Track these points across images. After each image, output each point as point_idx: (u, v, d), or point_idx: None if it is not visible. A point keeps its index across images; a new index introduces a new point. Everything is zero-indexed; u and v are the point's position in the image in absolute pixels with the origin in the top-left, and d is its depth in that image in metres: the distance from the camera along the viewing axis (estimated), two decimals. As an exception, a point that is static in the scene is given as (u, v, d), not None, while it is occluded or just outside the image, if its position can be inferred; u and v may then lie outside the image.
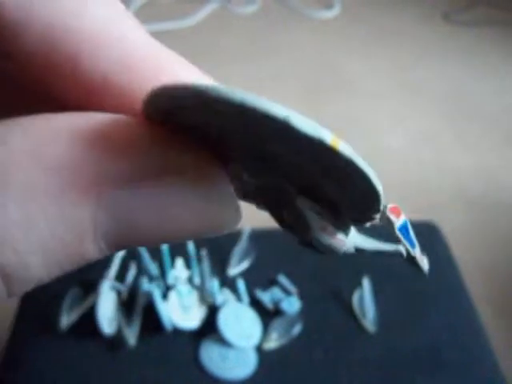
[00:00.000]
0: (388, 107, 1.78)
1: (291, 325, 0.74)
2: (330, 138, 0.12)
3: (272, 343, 0.73)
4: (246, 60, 1.94)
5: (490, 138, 1.68)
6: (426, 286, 0.81)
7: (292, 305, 0.76)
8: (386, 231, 0.17)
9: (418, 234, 0.77)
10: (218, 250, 0.82)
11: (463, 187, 1.51)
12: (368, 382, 0.71)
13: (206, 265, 0.78)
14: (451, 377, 0.72)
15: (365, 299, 0.76)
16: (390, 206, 0.16)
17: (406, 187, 1.49)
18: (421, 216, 1.02)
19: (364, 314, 0.76)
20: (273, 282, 0.79)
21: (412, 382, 0.71)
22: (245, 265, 0.81)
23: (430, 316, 0.78)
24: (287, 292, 0.78)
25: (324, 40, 2.10)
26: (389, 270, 0.82)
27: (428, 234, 0.88)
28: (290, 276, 0.80)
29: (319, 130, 0.12)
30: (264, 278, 0.80)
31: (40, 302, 0.77)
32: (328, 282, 0.80)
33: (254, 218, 1.41)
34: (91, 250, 0.12)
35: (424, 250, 0.79)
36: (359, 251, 0.18)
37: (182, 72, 0.14)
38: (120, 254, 0.79)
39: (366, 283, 0.77)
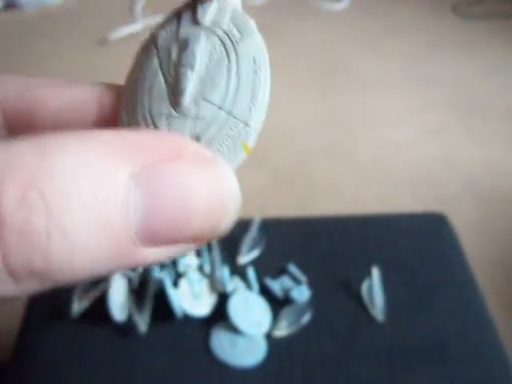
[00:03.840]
0: (397, 100, 1.78)
1: (301, 313, 0.75)
2: None
3: (281, 331, 0.74)
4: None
5: (499, 132, 1.67)
6: (434, 277, 0.81)
7: (302, 293, 0.76)
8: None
9: (427, 226, 0.78)
10: (229, 239, 0.82)
11: (473, 181, 1.51)
12: (376, 370, 0.71)
13: (217, 253, 0.78)
14: (458, 368, 0.72)
15: (374, 289, 0.77)
16: None
17: (416, 180, 1.49)
18: (430, 209, 1.02)
19: (373, 304, 0.76)
20: (283, 271, 0.80)
21: (419, 371, 0.71)
22: (255, 253, 0.81)
23: (438, 307, 0.78)
24: (297, 281, 0.78)
25: (333, 32, 2.10)
26: (398, 260, 0.82)
27: (437, 225, 0.89)
28: (299, 265, 0.80)
29: None
30: (274, 267, 0.80)
31: (51, 289, 0.78)
32: (337, 271, 0.81)
33: (264, 207, 1.42)
34: (126, 240, 0.13)
35: (433, 241, 0.79)
36: None
37: None
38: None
39: (376, 273, 0.78)
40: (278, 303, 0.76)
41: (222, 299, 0.75)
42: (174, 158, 0.14)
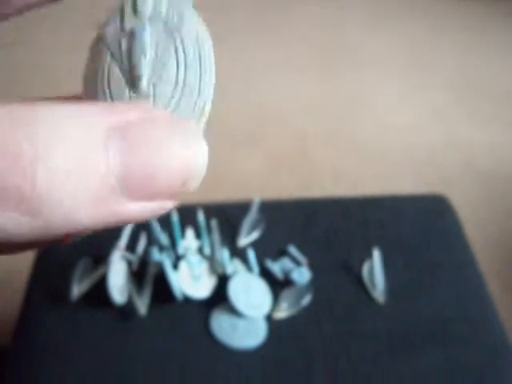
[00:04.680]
0: (399, 83, 1.76)
1: (301, 295, 0.74)
2: None
3: (282, 313, 0.73)
4: (259, 31, 1.93)
5: (500, 114, 1.66)
6: (435, 258, 0.81)
7: (302, 275, 0.76)
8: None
9: (428, 207, 0.77)
10: (228, 221, 0.82)
11: (473, 162, 1.50)
12: (376, 352, 0.71)
13: (216, 235, 0.78)
14: (459, 348, 0.72)
15: (375, 270, 0.76)
16: None
17: (417, 162, 1.49)
18: (431, 190, 1.02)
19: (374, 285, 0.76)
20: (283, 253, 0.80)
21: (420, 352, 0.71)
22: (255, 235, 0.81)
23: (438, 288, 0.78)
24: (297, 262, 0.78)
25: (335, 15, 2.08)
26: (399, 242, 0.82)
27: (438, 206, 0.88)
28: (300, 246, 0.80)
29: None
30: (274, 249, 0.80)
31: (51, 273, 0.78)
32: (338, 252, 0.80)
33: (263, 190, 1.41)
34: (106, 182, 0.14)
35: (434, 222, 0.79)
36: None
37: None
38: (130, 225, 0.79)
39: (376, 254, 0.77)
40: (278, 285, 0.76)
41: (222, 281, 0.74)
42: (151, 118, 0.15)
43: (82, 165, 0.13)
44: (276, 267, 0.77)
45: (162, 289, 0.73)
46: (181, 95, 0.17)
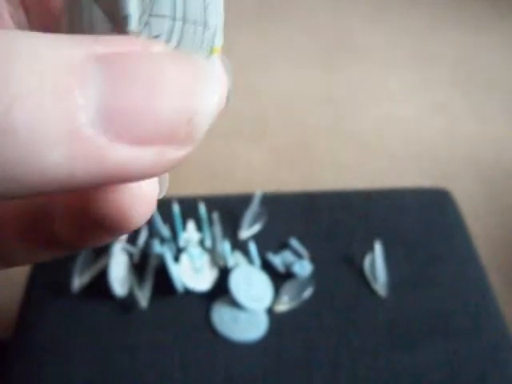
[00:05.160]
0: (400, 76, 1.76)
1: (302, 288, 0.74)
2: None
3: (283, 306, 0.73)
4: (261, 23, 1.92)
5: (502, 107, 1.66)
6: (437, 252, 0.81)
7: (303, 268, 0.75)
8: None
9: (430, 201, 0.77)
10: (230, 213, 0.82)
11: (476, 156, 1.49)
12: (378, 344, 0.71)
13: (218, 228, 0.77)
14: (460, 341, 0.72)
15: (376, 263, 0.76)
16: None
17: (419, 156, 1.48)
18: (433, 184, 1.02)
19: (375, 278, 0.76)
20: (284, 246, 0.79)
21: (421, 345, 0.71)
22: (256, 228, 0.81)
23: (440, 281, 0.78)
24: (299, 255, 0.78)
25: (336, 7, 2.07)
26: (401, 235, 0.82)
27: (440, 200, 0.88)
28: (301, 239, 0.80)
29: None
30: (275, 242, 0.80)
31: (52, 265, 0.78)
32: (340, 245, 0.80)
33: (265, 183, 1.41)
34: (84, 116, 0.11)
35: (436, 216, 0.78)
36: None
37: None
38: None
39: (378, 247, 0.77)
40: (279, 278, 0.75)
41: (223, 274, 0.74)
42: (146, 50, 0.12)
43: (53, 89, 0.11)
44: (277, 260, 0.76)
45: (162, 281, 0.73)
46: (182, 30, 0.14)
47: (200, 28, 0.14)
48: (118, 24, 0.14)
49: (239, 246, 0.78)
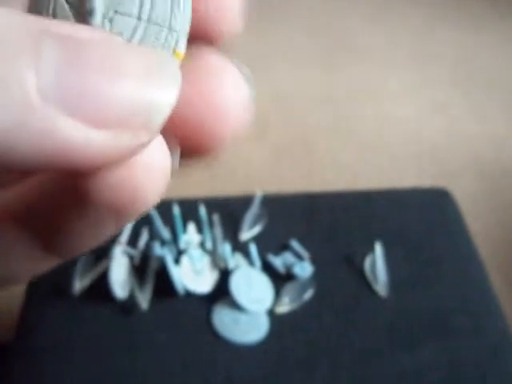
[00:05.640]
0: (400, 75, 1.76)
1: (303, 289, 0.74)
2: None
3: (284, 307, 0.73)
4: (261, 23, 1.92)
5: (502, 106, 1.66)
6: (437, 252, 0.81)
7: (304, 269, 0.75)
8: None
9: (430, 201, 0.77)
10: (230, 215, 0.82)
11: (476, 155, 1.49)
12: (379, 345, 0.71)
13: (218, 229, 0.77)
14: (461, 341, 0.72)
15: (377, 264, 0.76)
16: None
17: (419, 155, 1.48)
18: (433, 184, 1.02)
19: (376, 279, 0.76)
20: (285, 247, 0.79)
21: (422, 345, 0.71)
22: (257, 229, 0.81)
23: (440, 281, 0.78)
24: (299, 257, 0.78)
25: (335, 7, 2.07)
26: (401, 235, 0.82)
27: (440, 200, 0.88)
28: (302, 240, 0.80)
29: None
30: (276, 243, 0.80)
31: (52, 268, 0.78)
32: (340, 246, 0.80)
33: (265, 183, 1.41)
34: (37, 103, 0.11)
35: (436, 216, 0.78)
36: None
37: None
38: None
39: (378, 248, 0.77)
40: (280, 279, 0.75)
41: (224, 276, 0.74)
42: (105, 39, 0.12)
43: (3, 48, 0.11)
44: (278, 261, 0.77)
45: (163, 283, 0.73)
46: (145, 30, 0.14)
47: (164, 30, 0.14)
48: (82, 17, 0.14)
49: (240, 247, 0.78)
